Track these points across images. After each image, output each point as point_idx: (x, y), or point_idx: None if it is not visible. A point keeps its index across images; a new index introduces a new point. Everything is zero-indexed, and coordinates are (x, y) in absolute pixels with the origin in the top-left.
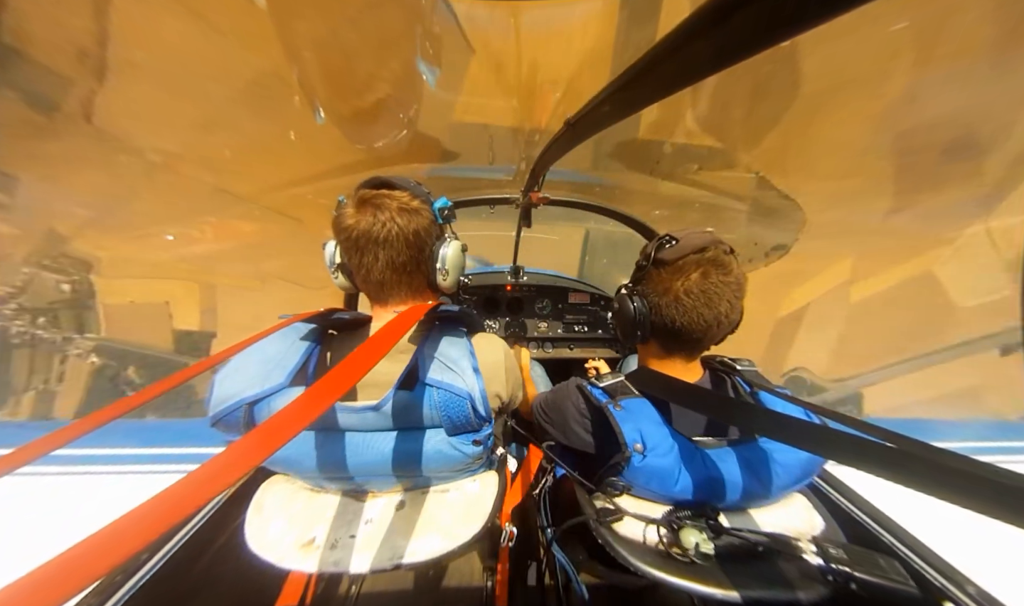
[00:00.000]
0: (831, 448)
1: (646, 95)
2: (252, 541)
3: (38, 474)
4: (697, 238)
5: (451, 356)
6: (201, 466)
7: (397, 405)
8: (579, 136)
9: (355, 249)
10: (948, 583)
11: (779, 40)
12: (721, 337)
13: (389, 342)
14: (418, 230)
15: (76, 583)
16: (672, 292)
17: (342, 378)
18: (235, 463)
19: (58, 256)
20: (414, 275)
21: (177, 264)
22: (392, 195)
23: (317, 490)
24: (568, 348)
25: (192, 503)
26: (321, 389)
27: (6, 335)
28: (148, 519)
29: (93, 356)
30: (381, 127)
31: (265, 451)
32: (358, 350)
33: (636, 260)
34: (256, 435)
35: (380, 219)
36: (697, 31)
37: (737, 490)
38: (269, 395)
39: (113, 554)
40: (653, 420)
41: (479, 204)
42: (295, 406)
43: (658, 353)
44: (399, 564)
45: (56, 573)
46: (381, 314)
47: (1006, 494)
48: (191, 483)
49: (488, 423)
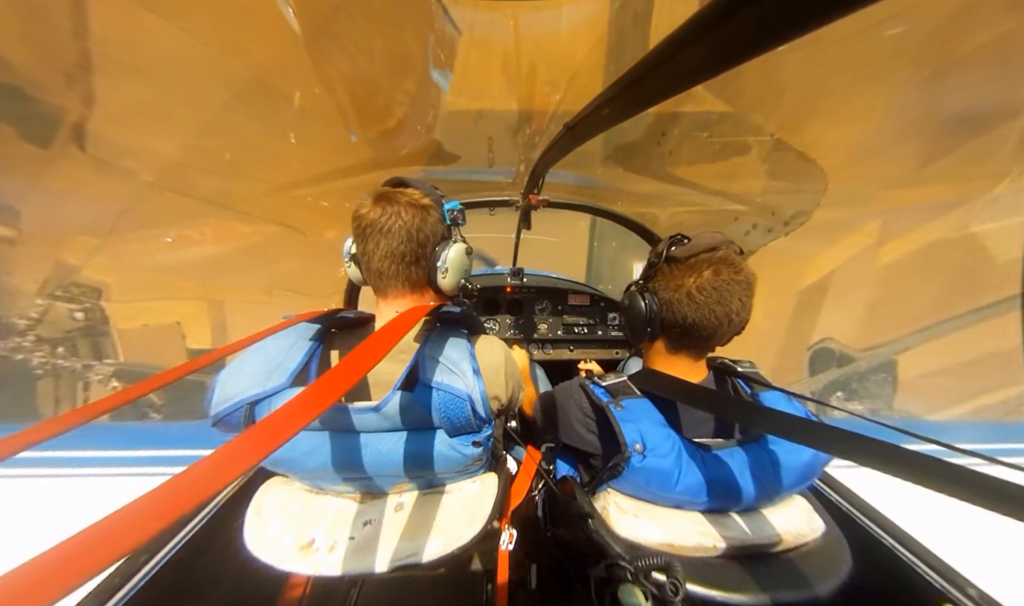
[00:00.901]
0: (827, 442)
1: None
2: (251, 542)
3: (22, 476)
4: (708, 237)
5: (452, 358)
6: (198, 462)
7: (397, 406)
8: (578, 139)
9: (362, 237)
10: (947, 584)
11: (780, 42)
12: (729, 337)
13: (390, 342)
14: (422, 226)
15: (69, 580)
16: (684, 289)
17: (341, 378)
18: (233, 461)
19: (69, 285)
20: (412, 268)
21: (184, 270)
22: (404, 192)
23: (316, 492)
24: (568, 349)
25: (189, 501)
26: (320, 388)
27: (29, 366)
28: (142, 516)
29: (114, 381)
30: (404, 138)
31: (263, 450)
32: (358, 349)
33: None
34: (254, 433)
35: (388, 211)
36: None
37: (739, 492)
38: (270, 395)
39: (105, 551)
40: (654, 421)
41: (479, 206)
42: (294, 404)
43: (665, 351)
44: (398, 566)
45: (46, 568)
46: (383, 309)
47: (978, 483)
48: (188, 479)
49: (488, 425)
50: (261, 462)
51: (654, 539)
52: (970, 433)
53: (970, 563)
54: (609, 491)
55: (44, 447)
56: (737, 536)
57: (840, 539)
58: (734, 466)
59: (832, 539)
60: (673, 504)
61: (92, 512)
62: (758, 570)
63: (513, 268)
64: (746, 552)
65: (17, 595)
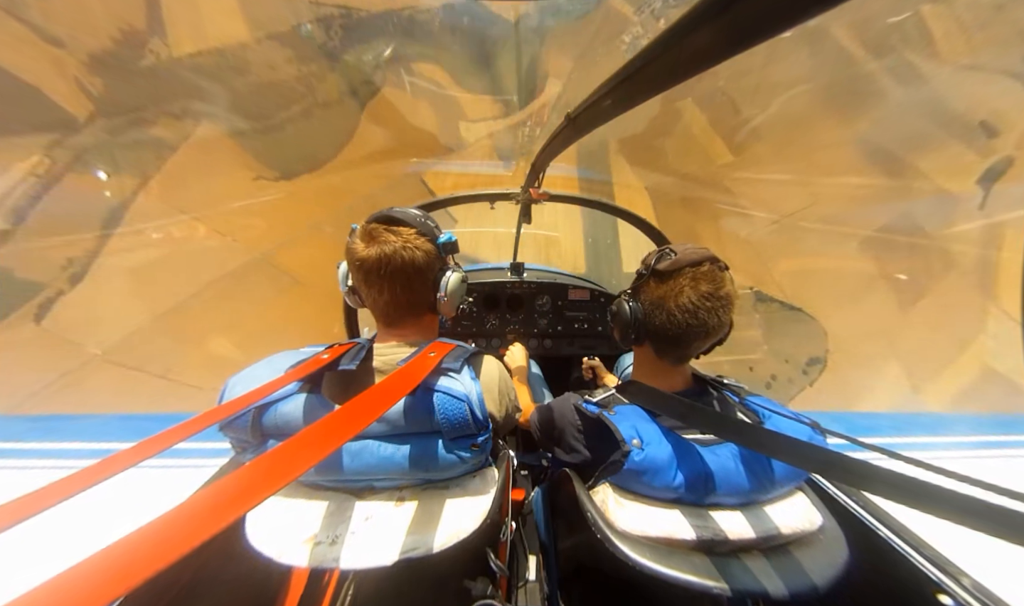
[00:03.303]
0: (798, 458)
1: (647, 88)
2: (253, 536)
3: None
4: (693, 253)
5: (451, 364)
6: (219, 483)
7: (397, 410)
8: (579, 131)
9: (364, 281)
10: (943, 575)
11: (778, 31)
12: (709, 347)
13: (415, 379)
14: (421, 266)
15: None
16: (665, 302)
17: (370, 407)
18: (258, 486)
19: None
20: (416, 303)
21: None
22: (399, 232)
23: (317, 488)
24: (568, 344)
25: (208, 529)
26: (345, 416)
27: None
28: (161, 542)
29: None
30: None
31: (293, 471)
32: (384, 383)
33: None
34: (282, 452)
35: (387, 254)
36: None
37: (734, 484)
38: (278, 400)
39: (120, 582)
40: (645, 419)
41: (480, 200)
42: (322, 427)
43: (651, 355)
44: (399, 560)
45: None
46: (385, 334)
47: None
48: (207, 505)
49: (486, 429)
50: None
51: (652, 532)
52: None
53: (965, 554)
54: (608, 486)
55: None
56: (735, 530)
57: (837, 532)
58: (727, 460)
59: (829, 532)
60: (671, 498)
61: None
62: (756, 564)
63: (513, 263)
64: (744, 546)
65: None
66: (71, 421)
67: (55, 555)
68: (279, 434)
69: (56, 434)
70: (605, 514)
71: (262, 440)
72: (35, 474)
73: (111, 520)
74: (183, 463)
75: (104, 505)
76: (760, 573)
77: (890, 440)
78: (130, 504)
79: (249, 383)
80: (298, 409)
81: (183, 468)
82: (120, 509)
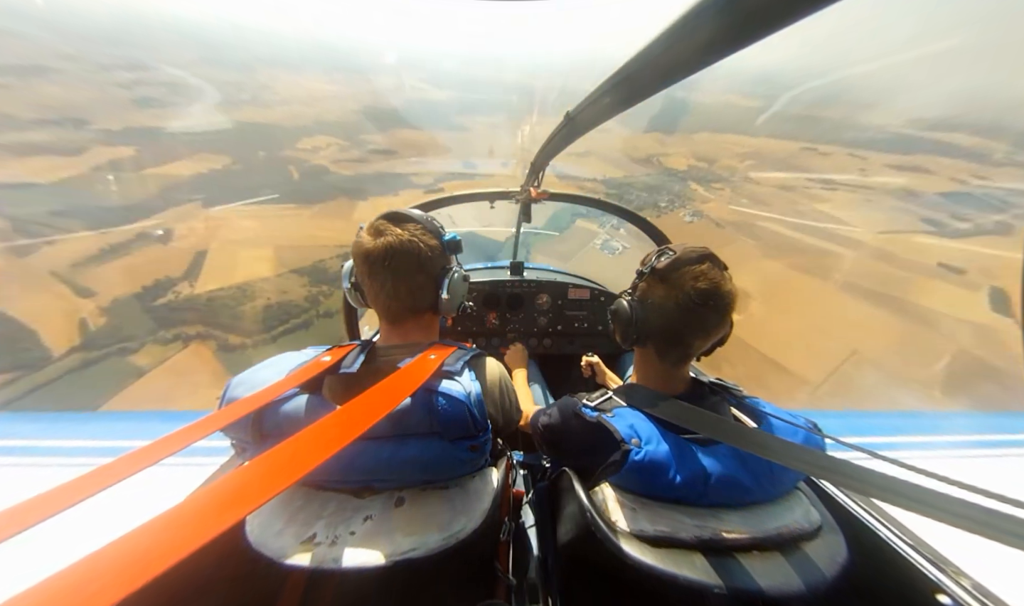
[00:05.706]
0: (794, 461)
1: (646, 86)
2: (252, 536)
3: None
4: (693, 253)
5: (451, 365)
6: (220, 482)
7: (397, 411)
8: (579, 130)
9: (368, 273)
10: (944, 577)
11: (775, 29)
12: (709, 348)
13: (416, 382)
14: (425, 262)
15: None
16: (664, 302)
17: (371, 409)
18: (259, 487)
19: None
20: (418, 299)
21: None
22: (406, 226)
23: (316, 488)
24: (568, 343)
25: (212, 529)
26: (345, 418)
27: None
28: (164, 542)
29: None
30: None
31: (294, 473)
32: (385, 384)
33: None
34: (282, 453)
35: (393, 245)
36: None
37: (734, 483)
38: (278, 401)
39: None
40: (643, 420)
41: (480, 199)
42: (322, 428)
43: (652, 355)
44: (399, 560)
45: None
46: (387, 331)
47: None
48: (211, 505)
49: (486, 430)
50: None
51: (652, 532)
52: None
53: (964, 553)
54: (607, 486)
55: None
56: (734, 529)
57: (836, 531)
58: (726, 460)
59: (828, 531)
60: (671, 498)
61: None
62: (755, 563)
63: (513, 262)
64: (743, 545)
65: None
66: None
67: (55, 555)
68: (280, 435)
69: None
70: (605, 513)
71: (262, 440)
72: (44, 472)
73: (111, 520)
74: (183, 462)
75: (103, 505)
76: (759, 572)
77: (890, 440)
78: (130, 504)
79: (251, 385)
80: (299, 410)
81: (183, 467)
82: (120, 509)
